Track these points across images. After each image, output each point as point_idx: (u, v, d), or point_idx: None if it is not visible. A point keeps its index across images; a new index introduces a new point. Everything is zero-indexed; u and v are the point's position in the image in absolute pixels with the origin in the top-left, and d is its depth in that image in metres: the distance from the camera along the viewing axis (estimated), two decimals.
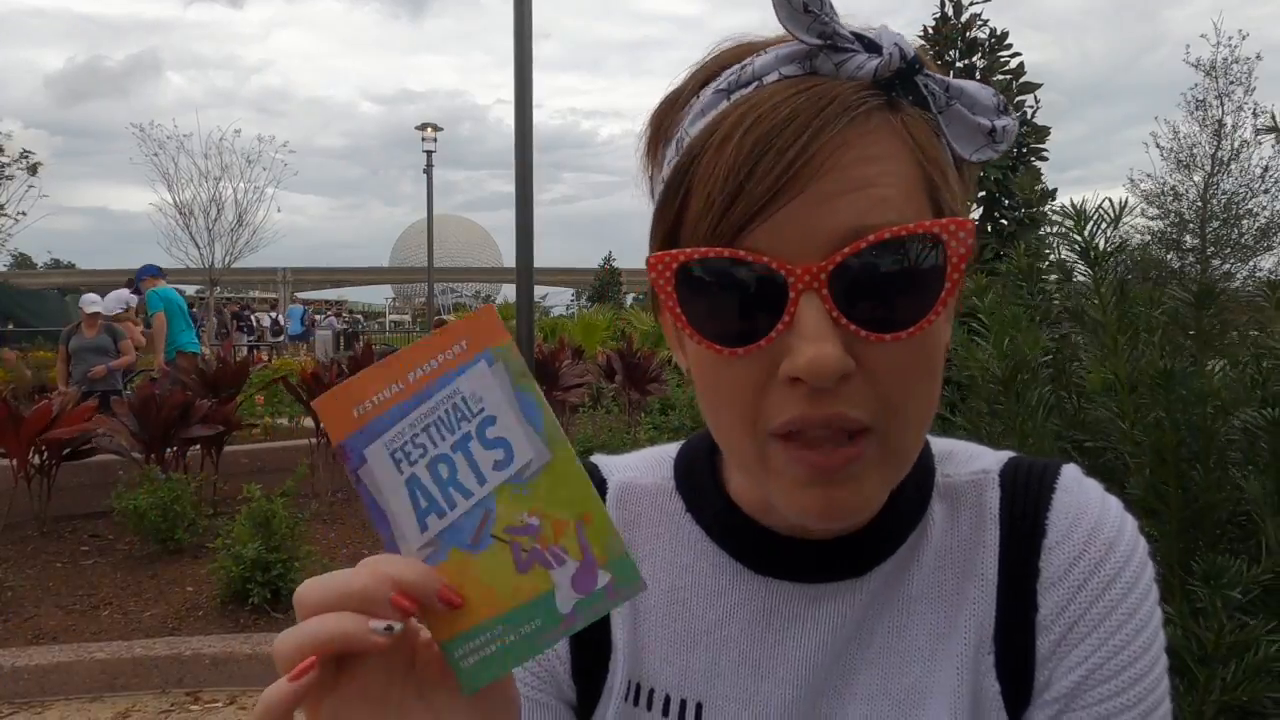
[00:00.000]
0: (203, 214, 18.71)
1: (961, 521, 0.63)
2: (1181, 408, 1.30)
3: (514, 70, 6.44)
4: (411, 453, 0.47)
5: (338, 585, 0.44)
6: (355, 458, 0.47)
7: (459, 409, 0.47)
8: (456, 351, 0.47)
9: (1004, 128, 0.53)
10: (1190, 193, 15.11)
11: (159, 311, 8.58)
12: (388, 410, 0.47)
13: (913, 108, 0.52)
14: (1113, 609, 0.58)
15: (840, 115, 0.48)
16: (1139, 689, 0.58)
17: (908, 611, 0.62)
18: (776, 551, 0.63)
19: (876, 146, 0.49)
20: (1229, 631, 1.11)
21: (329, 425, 0.48)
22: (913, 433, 0.53)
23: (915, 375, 0.51)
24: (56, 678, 3.85)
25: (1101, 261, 1.36)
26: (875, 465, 0.52)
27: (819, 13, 0.50)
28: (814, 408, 0.49)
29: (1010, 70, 4.02)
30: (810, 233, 0.48)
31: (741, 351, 0.50)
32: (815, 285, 0.48)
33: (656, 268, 0.51)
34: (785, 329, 0.49)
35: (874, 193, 0.49)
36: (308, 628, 0.44)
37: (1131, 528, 0.62)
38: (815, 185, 0.48)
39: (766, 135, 0.48)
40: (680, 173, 0.53)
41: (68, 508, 6.17)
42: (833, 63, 0.51)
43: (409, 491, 0.47)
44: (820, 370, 0.47)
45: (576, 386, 10.03)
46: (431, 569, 0.46)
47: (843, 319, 0.48)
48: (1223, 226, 14.83)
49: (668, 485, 0.69)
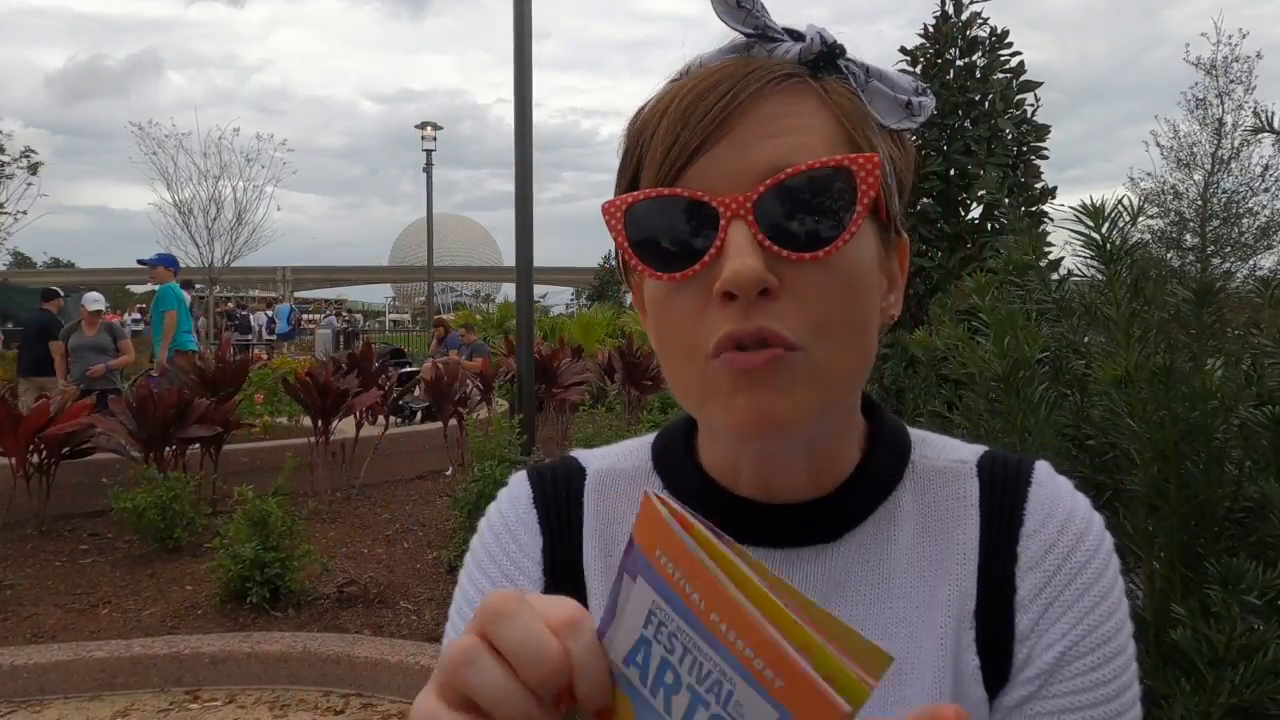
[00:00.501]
0: (202, 213, 18.72)
1: (940, 503, 0.67)
2: (1182, 404, 1.30)
3: (513, 69, 6.44)
4: (661, 632, 0.38)
5: (534, 643, 0.37)
6: (633, 567, 0.39)
7: (708, 674, 0.36)
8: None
9: (919, 103, 0.61)
10: (1190, 191, 15.13)
11: (172, 310, 8.46)
12: (675, 583, 0.37)
13: (835, 81, 0.60)
14: (1085, 591, 0.63)
15: (763, 78, 0.57)
16: (1113, 666, 0.62)
17: (887, 584, 0.64)
18: (746, 517, 0.65)
19: (798, 104, 0.57)
20: (1240, 634, 1.11)
21: (644, 518, 0.39)
22: (840, 354, 0.57)
23: (836, 297, 0.56)
24: (55, 676, 3.84)
25: (1117, 259, 1.37)
26: (803, 381, 0.56)
27: (751, 9, 0.59)
28: (743, 322, 0.54)
29: (1010, 69, 4.01)
30: (737, 171, 0.55)
31: (680, 276, 0.56)
32: (742, 213, 0.54)
33: (609, 211, 0.58)
34: (718, 253, 0.55)
35: (794, 138, 0.56)
36: (489, 679, 0.37)
37: (1099, 521, 0.67)
38: (739, 130, 0.56)
39: (700, 94, 0.57)
40: (634, 139, 0.61)
41: (67, 506, 6.18)
42: (765, 50, 0.60)
43: (640, 641, 0.38)
44: (741, 278, 0.53)
45: (576, 385, 10.04)
46: (607, 687, 0.39)
47: (765, 240, 0.54)
48: (1223, 225, 14.84)
49: (645, 467, 0.71)
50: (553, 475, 0.72)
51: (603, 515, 0.69)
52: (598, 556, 0.68)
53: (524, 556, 0.68)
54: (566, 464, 0.73)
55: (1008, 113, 3.94)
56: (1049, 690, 0.61)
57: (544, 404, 9.45)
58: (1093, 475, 1.45)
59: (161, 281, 8.60)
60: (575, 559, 0.68)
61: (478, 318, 23.20)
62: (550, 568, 0.68)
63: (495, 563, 0.69)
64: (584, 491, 0.70)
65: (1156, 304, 1.40)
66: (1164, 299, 1.43)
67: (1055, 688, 0.61)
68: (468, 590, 0.69)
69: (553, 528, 0.69)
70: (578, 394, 9.65)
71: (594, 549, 0.68)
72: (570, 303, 51.43)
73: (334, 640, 4.04)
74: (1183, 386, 1.31)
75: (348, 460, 7.18)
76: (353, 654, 3.87)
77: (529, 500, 0.70)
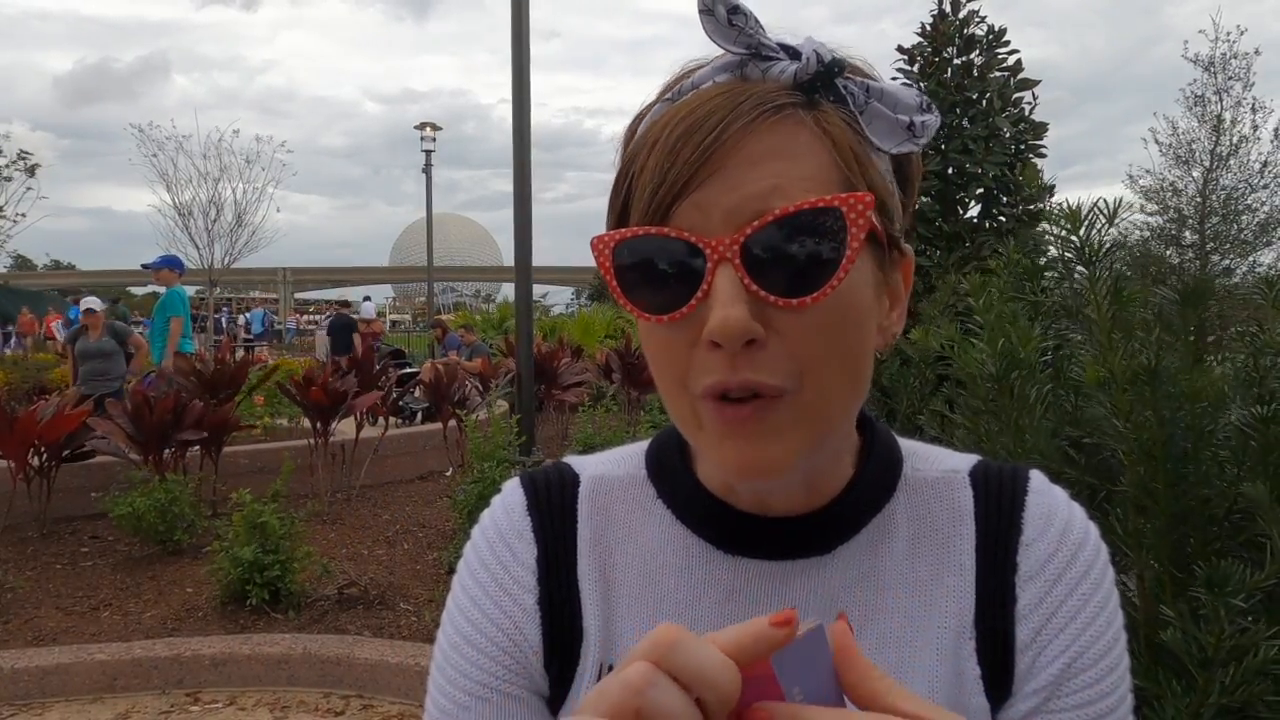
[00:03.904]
0: (202, 215, 18.67)
1: (934, 514, 0.67)
2: (1170, 405, 1.30)
3: (511, 70, 6.45)
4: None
5: (715, 665, 0.39)
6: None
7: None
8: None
9: (923, 123, 0.59)
10: (1189, 188, 15.09)
11: (179, 316, 8.34)
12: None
13: (831, 105, 0.58)
14: (1086, 601, 0.63)
15: (752, 110, 0.55)
16: (1113, 678, 0.62)
17: (881, 595, 0.64)
18: (742, 529, 0.65)
19: (788, 138, 0.55)
20: (1229, 636, 1.11)
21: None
22: (831, 395, 0.57)
23: (826, 339, 0.55)
24: (56, 679, 3.85)
25: (1097, 260, 1.36)
26: (792, 424, 0.56)
27: (743, 27, 0.57)
28: (731, 373, 0.54)
29: (1008, 67, 4.01)
30: (725, 212, 0.54)
31: (667, 319, 0.56)
32: (729, 256, 0.53)
33: (597, 248, 0.58)
34: (704, 297, 0.54)
35: (784, 177, 0.54)
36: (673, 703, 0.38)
37: (1095, 530, 0.67)
38: (727, 169, 0.54)
39: (689, 129, 0.55)
40: (625, 169, 0.60)
41: (67, 509, 6.18)
42: (760, 70, 0.58)
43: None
44: (727, 330, 0.52)
45: (575, 386, 10.04)
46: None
47: (753, 285, 0.53)
48: (1222, 222, 14.81)
49: (639, 475, 0.71)
50: (546, 482, 0.72)
51: (596, 522, 0.69)
52: (592, 565, 0.68)
53: (518, 564, 0.68)
54: (560, 471, 0.73)
55: (1005, 111, 3.93)
56: (1055, 704, 0.62)
57: (543, 404, 9.45)
58: (1084, 476, 1.45)
59: (166, 284, 8.54)
60: (570, 568, 0.68)
61: (477, 318, 23.20)
62: (544, 575, 0.68)
63: (489, 570, 0.69)
64: (578, 499, 0.70)
65: (1139, 305, 1.40)
66: (1148, 299, 1.43)
67: (1062, 700, 0.61)
68: (460, 598, 0.69)
69: (547, 535, 0.69)
70: (577, 394, 9.66)
71: (588, 556, 0.68)
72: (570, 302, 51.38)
73: (334, 642, 4.04)
74: (1171, 387, 1.31)
75: (348, 461, 7.18)
76: (353, 655, 3.88)
77: (523, 508, 0.70)
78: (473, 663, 0.66)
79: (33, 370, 11.89)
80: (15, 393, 9.42)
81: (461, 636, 0.67)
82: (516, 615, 0.67)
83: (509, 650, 0.66)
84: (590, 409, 8.16)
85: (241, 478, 6.22)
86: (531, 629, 0.66)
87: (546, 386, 9.51)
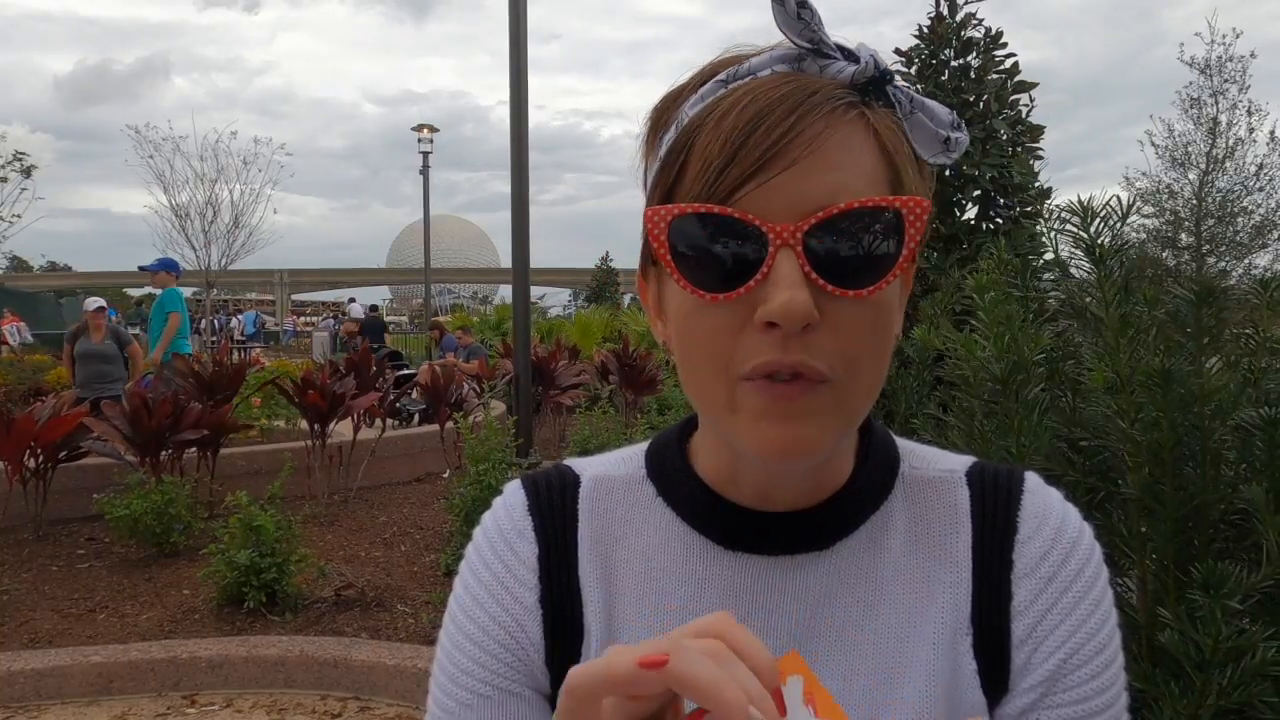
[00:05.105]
0: (199, 216, 18.62)
1: (931, 512, 0.68)
2: (1179, 407, 1.30)
3: (509, 72, 6.45)
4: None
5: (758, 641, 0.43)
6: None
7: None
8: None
9: (957, 139, 0.61)
10: (1185, 191, 15.13)
11: (177, 311, 8.43)
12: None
13: (882, 110, 0.59)
14: (1080, 599, 0.64)
15: (823, 104, 0.56)
16: (1108, 675, 0.63)
17: (879, 592, 0.65)
18: (742, 525, 0.66)
19: (851, 135, 0.57)
20: (1227, 637, 1.11)
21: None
22: (863, 391, 0.59)
23: (870, 335, 0.57)
24: (52, 681, 3.84)
25: (1106, 259, 1.35)
26: (828, 413, 0.57)
27: (810, 21, 0.57)
28: (784, 354, 0.55)
29: (1005, 70, 4.01)
30: (790, 200, 0.55)
31: (722, 297, 0.56)
32: (792, 243, 0.54)
33: (653, 219, 0.57)
34: (763, 279, 0.55)
35: (846, 172, 0.56)
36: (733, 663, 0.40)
37: (1089, 530, 0.68)
38: (798, 159, 0.55)
39: (760, 113, 0.55)
40: (681, 142, 0.60)
41: (63, 511, 6.17)
42: (818, 66, 0.59)
43: None
44: (791, 312, 0.53)
45: (573, 388, 10.04)
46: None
47: (813, 274, 0.54)
48: (1218, 224, 14.84)
49: (639, 475, 0.72)
50: (547, 483, 0.72)
51: (597, 522, 0.70)
52: (593, 564, 0.68)
53: (519, 563, 0.69)
54: (560, 472, 0.74)
55: (1003, 113, 3.94)
56: (1051, 699, 0.63)
57: (541, 406, 9.45)
58: (1084, 479, 1.44)
59: (164, 286, 8.61)
60: (571, 567, 0.69)
61: (474, 319, 23.19)
62: (546, 573, 0.68)
63: (490, 569, 0.69)
64: (579, 499, 0.71)
65: (1153, 304, 1.39)
66: (1160, 299, 1.43)
67: (1058, 696, 0.63)
68: (462, 597, 0.70)
69: (548, 536, 0.69)
70: (574, 396, 9.65)
71: (589, 557, 0.69)
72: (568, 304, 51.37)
73: (331, 644, 4.04)
74: (1180, 389, 1.31)
75: (345, 463, 7.17)
76: (350, 657, 3.87)
77: (524, 508, 0.71)
78: (475, 661, 0.67)
79: (29, 371, 11.86)
80: (12, 394, 9.39)
81: (464, 635, 0.68)
82: (518, 613, 0.67)
83: (511, 648, 0.67)
84: (587, 411, 8.16)
85: (238, 479, 6.21)
86: (533, 626, 0.67)
87: (544, 388, 9.50)
